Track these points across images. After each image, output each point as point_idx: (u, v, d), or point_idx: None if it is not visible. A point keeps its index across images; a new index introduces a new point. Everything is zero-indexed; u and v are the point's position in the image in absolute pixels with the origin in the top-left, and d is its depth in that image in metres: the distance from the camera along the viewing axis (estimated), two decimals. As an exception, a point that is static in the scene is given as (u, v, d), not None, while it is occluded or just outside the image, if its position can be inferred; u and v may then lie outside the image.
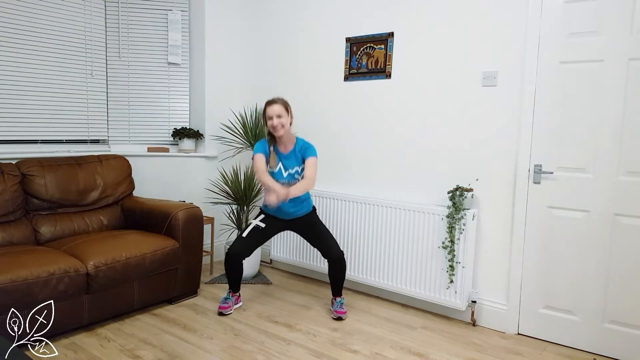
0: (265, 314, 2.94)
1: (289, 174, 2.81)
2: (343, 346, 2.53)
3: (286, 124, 2.75)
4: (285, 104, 2.78)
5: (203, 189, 3.96)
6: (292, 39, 3.74)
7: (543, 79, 2.61)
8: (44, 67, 3.27)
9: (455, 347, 2.57)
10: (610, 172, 2.44)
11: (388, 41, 3.20)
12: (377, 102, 3.28)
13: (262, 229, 2.87)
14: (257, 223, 2.87)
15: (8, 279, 2.20)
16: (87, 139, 3.56)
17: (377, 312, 3.01)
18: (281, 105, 2.75)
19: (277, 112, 2.73)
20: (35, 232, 2.87)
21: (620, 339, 2.45)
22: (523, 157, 2.68)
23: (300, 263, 3.59)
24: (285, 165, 2.82)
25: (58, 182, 2.97)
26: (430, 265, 2.92)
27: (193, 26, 3.89)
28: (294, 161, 2.82)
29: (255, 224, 2.87)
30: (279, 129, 2.73)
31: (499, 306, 2.81)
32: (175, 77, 3.88)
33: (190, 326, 2.71)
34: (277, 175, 2.82)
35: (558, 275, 2.62)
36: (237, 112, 4.09)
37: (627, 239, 2.42)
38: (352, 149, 3.43)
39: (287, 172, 2.81)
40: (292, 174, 2.81)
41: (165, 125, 3.88)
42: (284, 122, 2.73)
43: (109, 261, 2.58)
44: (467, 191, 2.82)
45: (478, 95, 2.84)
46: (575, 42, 2.50)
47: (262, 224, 2.87)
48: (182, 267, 3.00)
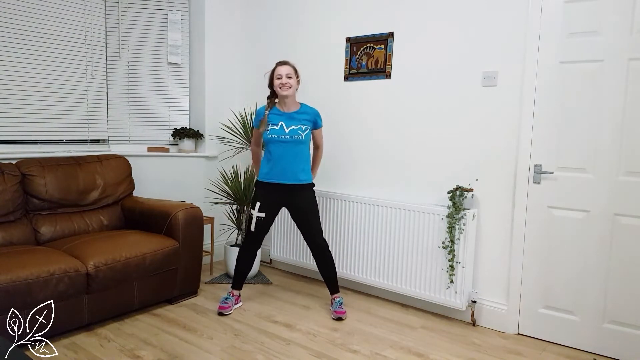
0: (265, 314, 2.94)
1: (292, 129, 2.79)
2: (343, 346, 2.53)
3: (294, 85, 2.80)
4: (295, 67, 2.85)
5: (203, 189, 3.96)
6: (292, 39, 3.74)
7: (543, 79, 2.61)
8: (44, 67, 3.27)
9: (455, 347, 2.57)
10: (610, 172, 2.44)
11: (388, 41, 3.20)
12: (377, 102, 3.28)
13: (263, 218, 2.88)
14: (257, 215, 2.86)
15: (8, 279, 2.20)
16: (87, 139, 3.56)
17: (377, 312, 3.01)
18: (292, 67, 2.82)
19: (288, 71, 2.79)
20: (35, 232, 2.87)
21: (620, 339, 2.45)
22: (523, 157, 2.68)
23: (300, 263, 3.59)
24: (286, 122, 2.81)
25: (58, 182, 2.97)
26: (430, 265, 2.92)
27: (193, 26, 3.89)
28: (296, 119, 2.82)
29: (256, 216, 2.87)
30: (287, 88, 2.76)
31: (499, 306, 2.81)
32: (175, 77, 3.88)
33: (190, 326, 2.71)
34: (279, 131, 2.79)
35: (558, 275, 2.62)
36: (237, 112, 4.09)
37: (627, 239, 2.42)
38: (352, 149, 3.43)
39: (290, 128, 2.79)
40: (296, 130, 2.79)
41: (165, 125, 3.88)
42: (292, 83, 2.79)
43: (109, 261, 2.58)
44: (467, 191, 2.82)
45: (478, 95, 2.84)
46: (575, 42, 2.50)
47: (262, 215, 2.86)
48: (182, 267, 3.00)
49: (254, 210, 2.88)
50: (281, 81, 2.77)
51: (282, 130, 2.79)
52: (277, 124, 2.80)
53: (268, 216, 2.88)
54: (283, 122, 2.81)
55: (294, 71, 2.82)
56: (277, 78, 2.78)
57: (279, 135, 2.78)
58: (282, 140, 2.78)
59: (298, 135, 2.79)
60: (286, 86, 2.76)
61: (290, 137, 2.78)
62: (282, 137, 2.78)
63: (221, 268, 3.87)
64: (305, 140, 2.83)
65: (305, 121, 2.84)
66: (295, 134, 2.79)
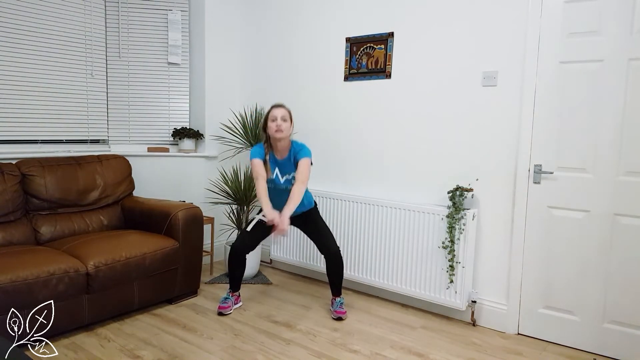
0: (265, 314, 2.94)
1: (286, 180, 2.82)
2: (343, 346, 2.53)
3: (287, 129, 2.75)
4: (289, 111, 2.81)
5: (203, 189, 3.96)
6: (292, 39, 3.74)
7: (543, 79, 2.61)
8: (44, 67, 3.27)
9: (455, 347, 2.57)
10: (610, 172, 2.44)
11: (388, 41, 3.20)
12: (377, 102, 3.28)
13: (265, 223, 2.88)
14: (261, 217, 2.86)
15: (8, 279, 2.20)
16: (87, 139, 3.56)
17: (377, 312, 3.01)
18: (286, 110, 2.79)
19: (283, 114, 2.74)
20: (35, 232, 2.87)
21: (620, 339, 2.45)
22: (523, 157, 2.68)
23: (300, 263, 3.59)
24: (282, 171, 2.83)
25: (58, 182, 2.97)
26: (430, 265, 2.92)
27: (193, 26, 3.89)
28: (290, 167, 2.82)
29: (259, 219, 2.87)
30: (280, 132, 2.71)
31: (499, 306, 2.81)
32: (175, 77, 3.88)
33: (190, 326, 2.71)
34: (275, 180, 2.83)
35: (558, 275, 2.62)
36: (237, 112, 4.09)
37: (627, 239, 2.42)
38: (352, 149, 3.43)
39: (285, 177, 2.82)
40: (289, 179, 2.82)
41: (165, 125, 3.88)
42: (287, 126, 2.74)
43: (109, 261, 2.58)
44: (467, 191, 2.82)
45: (478, 95, 2.84)
46: (575, 42, 2.50)
47: (265, 218, 2.86)
48: (182, 267, 3.00)
49: (258, 215, 2.89)
50: (276, 123, 2.70)
51: (278, 179, 2.82)
52: (273, 173, 2.83)
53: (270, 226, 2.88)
54: (278, 171, 2.83)
55: (289, 114, 2.77)
56: (272, 120, 2.73)
57: (275, 185, 2.83)
58: (277, 188, 2.83)
59: (291, 184, 2.81)
60: (282, 128, 2.71)
61: (286, 188, 2.81)
62: (278, 186, 2.83)
63: (221, 268, 3.87)
64: None
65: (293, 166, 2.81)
66: (289, 184, 2.81)
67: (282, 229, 2.59)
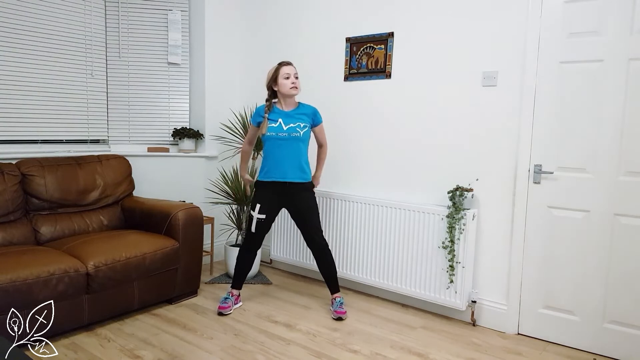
0: (265, 314, 2.94)
1: (290, 127, 2.80)
2: (343, 346, 2.53)
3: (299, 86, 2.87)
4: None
5: (203, 189, 3.96)
6: (292, 39, 3.74)
7: (543, 79, 2.61)
8: (44, 67, 3.27)
9: (455, 347, 2.57)
10: (610, 172, 2.44)
11: (388, 41, 3.20)
12: (377, 102, 3.28)
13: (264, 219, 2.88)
14: (258, 216, 2.86)
15: (8, 279, 2.20)
16: (87, 139, 3.56)
17: (377, 312, 3.01)
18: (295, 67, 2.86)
19: (295, 71, 2.84)
20: (35, 232, 2.87)
21: (620, 339, 2.45)
22: (523, 157, 2.68)
23: (300, 263, 3.59)
24: (285, 120, 2.82)
25: (58, 182, 2.97)
26: (430, 265, 2.92)
27: (193, 26, 3.89)
28: (295, 118, 2.84)
29: (256, 218, 2.87)
30: (296, 89, 2.82)
31: (499, 306, 2.81)
32: (175, 77, 3.88)
33: (190, 326, 2.71)
34: (277, 128, 2.80)
35: (558, 275, 2.62)
36: (237, 112, 4.09)
37: (627, 239, 2.42)
38: (352, 149, 3.43)
39: (288, 125, 2.80)
40: (294, 127, 2.81)
41: (165, 125, 3.88)
42: (299, 83, 2.85)
43: (109, 261, 2.58)
44: (467, 191, 2.82)
45: (478, 95, 2.84)
46: (575, 42, 2.50)
47: (262, 216, 2.87)
48: (182, 267, 3.00)
49: (254, 212, 2.88)
50: (291, 80, 2.80)
51: (281, 127, 2.80)
52: (276, 121, 2.81)
53: (268, 217, 2.89)
54: (281, 120, 2.81)
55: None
56: (286, 77, 2.80)
57: (277, 132, 2.79)
58: (280, 137, 2.79)
59: (296, 132, 2.79)
60: (295, 86, 2.81)
61: (289, 135, 2.79)
62: (280, 134, 2.79)
63: (221, 268, 3.87)
64: (304, 138, 2.83)
65: (303, 118, 2.85)
66: (293, 131, 2.79)
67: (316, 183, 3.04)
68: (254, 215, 2.87)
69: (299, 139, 2.80)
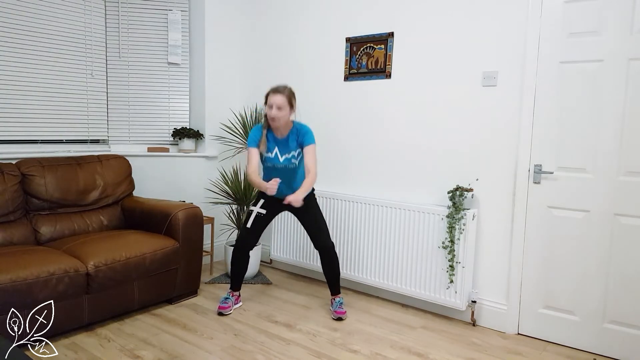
0: (265, 314, 2.94)
1: (286, 159, 2.80)
2: (343, 346, 2.53)
3: (284, 117, 2.72)
4: (289, 96, 2.74)
5: (203, 189, 3.96)
6: (292, 39, 3.74)
7: (543, 79, 2.61)
8: (44, 67, 3.27)
9: (455, 347, 2.57)
10: (610, 172, 2.44)
11: (388, 41, 3.20)
12: (377, 102, 3.28)
13: (262, 215, 2.88)
14: (258, 210, 2.87)
15: (8, 279, 2.20)
16: (87, 139, 3.56)
17: (377, 312, 3.01)
18: (285, 97, 2.71)
19: (279, 104, 2.69)
20: (35, 232, 2.87)
21: (620, 339, 2.45)
22: (523, 157, 2.68)
23: (300, 263, 3.59)
24: (281, 150, 2.81)
25: (58, 182, 2.97)
26: (430, 265, 2.92)
27: (193, 26, 3.89)
28: (289, 146, 2.81)
29: (256, 212, 2.87)
30: (275, 120, 2.71)
31: (499, 306, 2.81)
32: (175, 77, 3.88)
33: (190, 326, 2.71)
34: (274, 159, 2.81)
35: (558, 275, 2.62)
36: (237, 112, 4.09)
37: (627, 239, 2.42)
38: (352, 148, 3.43)
39: (284, 156, 2.80)
40: (289, 158, 2.80)
41: (165, 125, 3.88)
42: (282, 114, 2.70)
43: (109, 261, 2.58)
44: (467, 191, 2.82)
45: (478, 95, 2.84)
46: (575, 42, 2.50)
47: (263, 211, 2.87)
48: (182, 267, 3.00)
49: (255, 207, 2.88)
50: (270, 112, 2.70)
51: (277, 159, 2.81)
52: (272, 152, 2.81)
53: (268, 215, 2.89)
54: (278, 150, 2.81)
55: (288, 101, 2.71)
56: (270, 106, 2.72)
57: (274, 164, 2.82)
58: (277, 168, 2.82)
59: (292, 164, 2.81)
60: (275, 118, 2.70)
61: (285, 167, 2.81)
62: (277, 165, 2.81)
63: (221, 268, 3.87)
64: (300, 164, 2.86)
65: (295, 145, 2.81)
66: (289, 163, 2.81)
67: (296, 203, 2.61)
68: (254, 209, 2.88)
69: (294, 168, 2.84)
